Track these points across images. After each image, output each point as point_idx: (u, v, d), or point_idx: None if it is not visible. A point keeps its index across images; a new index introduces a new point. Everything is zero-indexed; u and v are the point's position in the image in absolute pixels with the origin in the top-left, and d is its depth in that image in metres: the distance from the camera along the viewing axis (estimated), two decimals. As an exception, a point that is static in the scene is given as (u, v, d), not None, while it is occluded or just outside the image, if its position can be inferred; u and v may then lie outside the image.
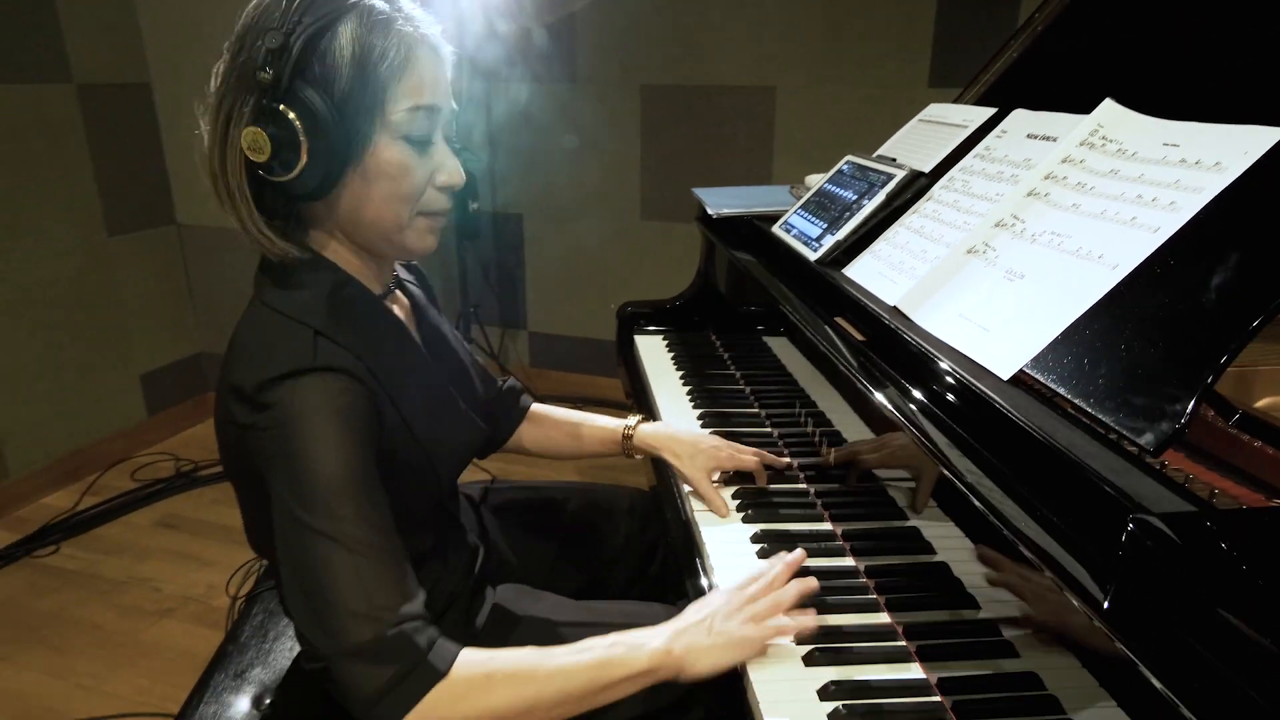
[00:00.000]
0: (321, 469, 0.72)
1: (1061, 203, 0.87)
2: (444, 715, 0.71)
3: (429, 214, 0.85)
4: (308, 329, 0.77)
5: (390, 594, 0.72)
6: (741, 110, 2.79)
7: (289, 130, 0.73)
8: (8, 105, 2.32)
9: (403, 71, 0.77)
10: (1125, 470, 0.57)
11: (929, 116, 1.34)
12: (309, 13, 0.74)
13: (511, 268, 3.26)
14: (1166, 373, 0.60)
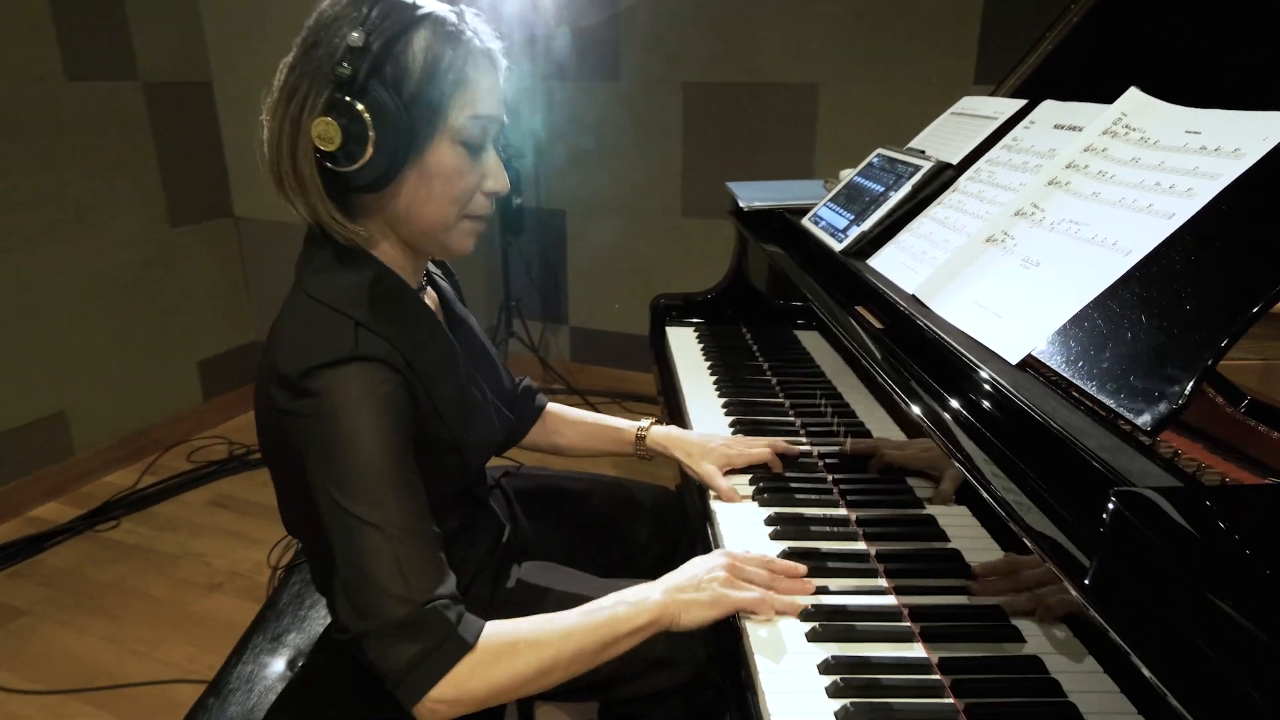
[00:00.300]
0: (363, 456, 0.76)
1: (1082, 191, 0.87)
2: (475, 683, 0.76)
3: (473, 217, 0.89)
4: (349, 319, 0.80)
5: (424, 576, 0.76)
6: (784, 107, 2.79)
7: (359, 123, 0.77)
8: (80, 102, 2.44)
9: (466, 81, 0.82)
10: (1118, 448, 0.57)
11: (961, 109, 1.33)
12: (387, 17, 0.78)
13: (554, 263, 3.31)
14: (1168, 356, 0.60)
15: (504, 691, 0.78)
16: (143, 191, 2.67)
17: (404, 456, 0.79)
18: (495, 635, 0.78)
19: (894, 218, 1.17)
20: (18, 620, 1.97)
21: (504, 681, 0.77)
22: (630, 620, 0.81)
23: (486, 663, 0.76)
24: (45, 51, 2.34)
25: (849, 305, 1.04)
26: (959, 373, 0.76)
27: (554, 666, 0.79)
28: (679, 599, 0.83)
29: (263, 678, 1.04)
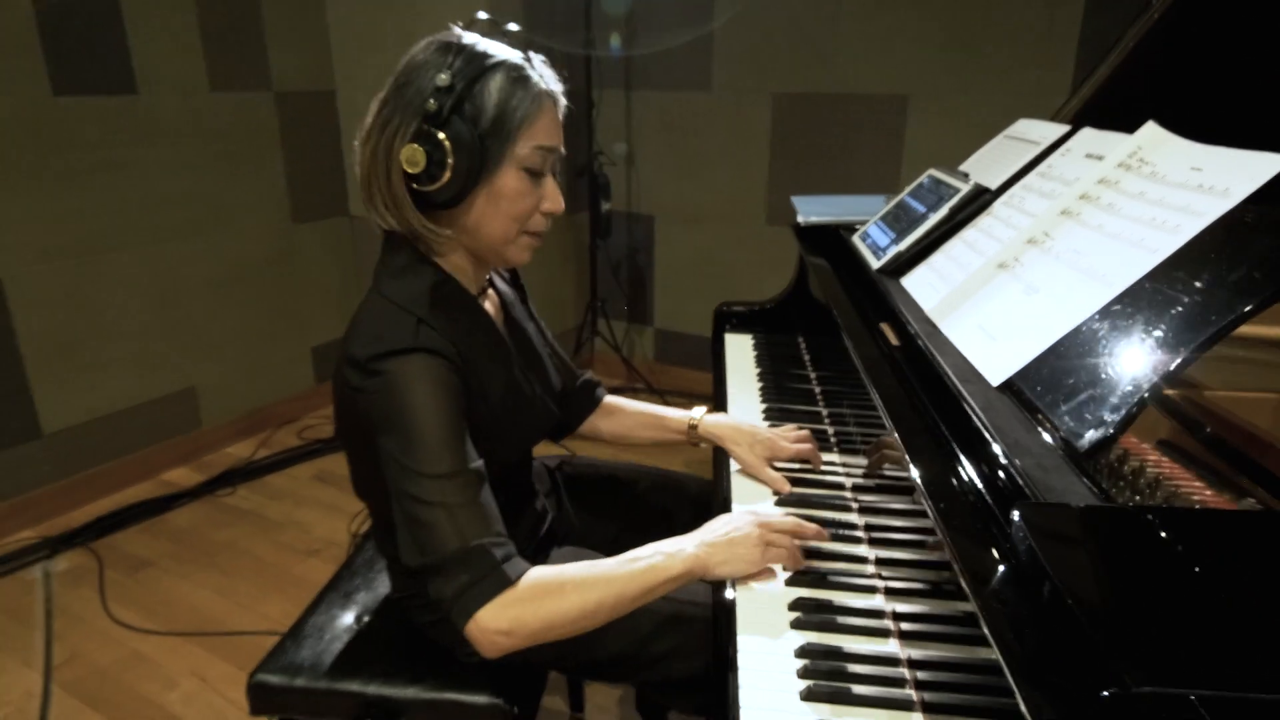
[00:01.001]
0: (421, 425, 0.89)
1: (1090, 222, 0.90)
2: (525, 614, 0.87)
3: (531, 233, 1.03)
4: (412, 317, 0.94)
5: (473, 522, 0.88)
6: (871, 119, 2.79)
7: (440, 150, 0.91)
8: (220, 111, 2.73)
9: (532, 118, 0.95)
10: (1056, 467, 0.61)
11: (1014, 133, 1.35)
12: (469, 63, 0.93)
13: (642, 266, 3.42)
14: (1116, 386, 0.64)
15: (553, 626, 0.88)
16: (270, 191, 2.95)
17: (457, 425, 0.92)
18: (542, 576, 0.90)
19: (930, 239, 1.21)
20: (145, 570, 2.24)
21: (553, 617, 0.88)
22: (667, 569, 0.92)
23: (537, 597, 0.87)
24: (193, 66, 2.64)
25: (873, 321, 1.10)
26: (937, 392, 0.81)
27: (599, 608, 0.89)
28: (712, 553, 0.93)
29: (332, 628, 1.19)
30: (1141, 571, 0.46)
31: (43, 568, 2.24)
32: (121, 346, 2.59)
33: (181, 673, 1.86)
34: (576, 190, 3.29)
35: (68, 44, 2.31)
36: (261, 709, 1.11)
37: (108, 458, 2.61)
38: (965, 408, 0.73)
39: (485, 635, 0.86)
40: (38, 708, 1.75)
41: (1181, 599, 0.45)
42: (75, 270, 2.43)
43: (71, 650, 1.93)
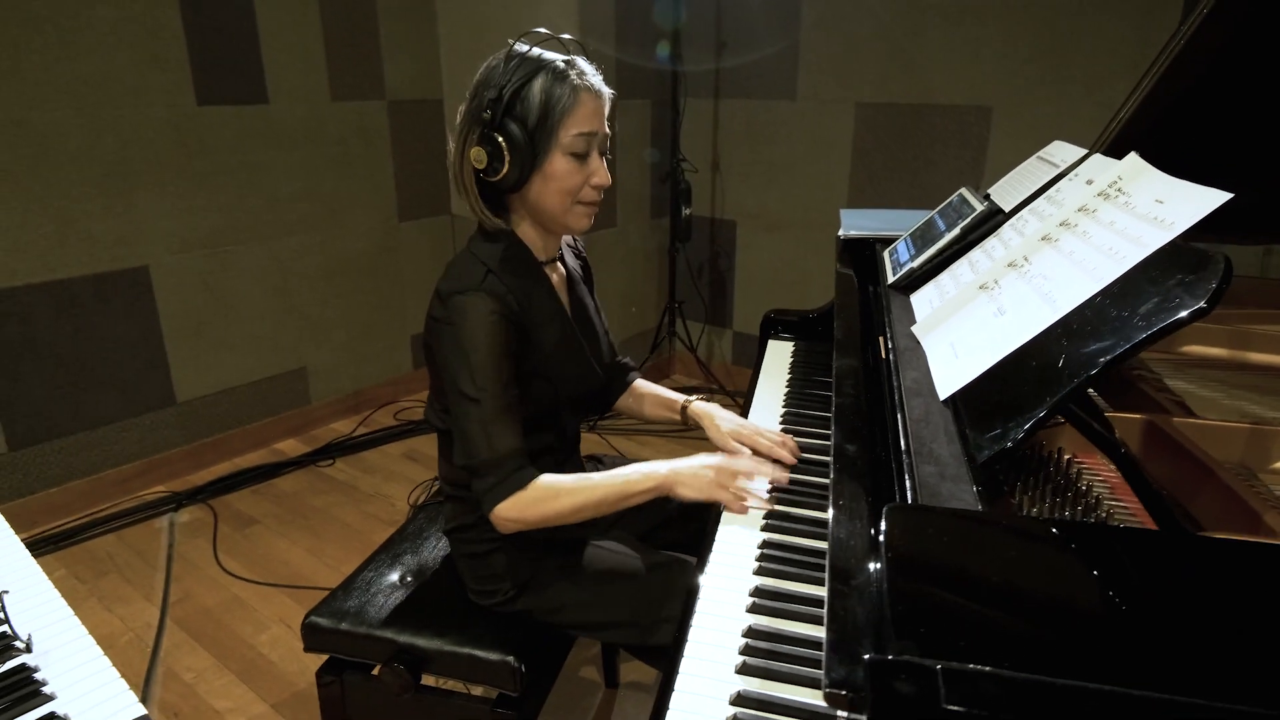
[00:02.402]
0: (474, 352, 1.11)
1: (1064, 248, 0.93)
2: (530, 510, 1.13)
3: (585, 204, 1.21)
4: (484, 267, 1.16)
5: (502, 436, 1.12)
6: (954, 130, 2.77)
7: (498, 149, 1.13)
8: (340, 119, 3.01)
9: (572, 109, 1.14)
10: (956, 476, 0.68)
11: (1044, 154, 1.37)
12: (516, 72, 1.13)
13: (723, 270, 3.50)
14: (1023, 406, 0.70)
15: (548, 518, 1.14)
16: (379, 192, 3.22)
17: (503, 359, 1.13)
18: (546, 482, 1.14)
19: (942, 257, 1.25)
20: (252, 527, 2.52)
21: (549, 512, 1.14)
22: (640, 483, 1.15)
23: (537, 499, 1.13)
24: (317, 78, 2.92)
25: (870, 333, 1.16)
26: (882, 404, 0.87)
27: (584, 506, 1.14)
28: (679, 477, 1.15)
29: (378, 583, 1.35)
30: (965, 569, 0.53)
31: (169, 519, 2.56)
32: (245, 328, 2.91)
33: (271, 619, 2.09)
34: (659, 195, 3.41)
35: (211, 59, 2.62)
36: (312, 646, 1.28)
37: (229, 426, 2.93)
38: (898, 419, 0.80)
39: (500, 520, 1.13)
40: (153, 637, 2.02)
41: (985, 594, 0.51)
42: (208, 260, 2.75)
43: (185, 591, 2.21)
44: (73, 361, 2.50)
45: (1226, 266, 0.65)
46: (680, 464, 1.17)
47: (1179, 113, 1.17)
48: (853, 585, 0.59)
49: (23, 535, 2.42)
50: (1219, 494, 0.79)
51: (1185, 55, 1.13)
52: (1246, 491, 0.77)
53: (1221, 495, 0.78)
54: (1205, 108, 1.13)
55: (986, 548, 0.55)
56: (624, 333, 3.43)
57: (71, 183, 2.40)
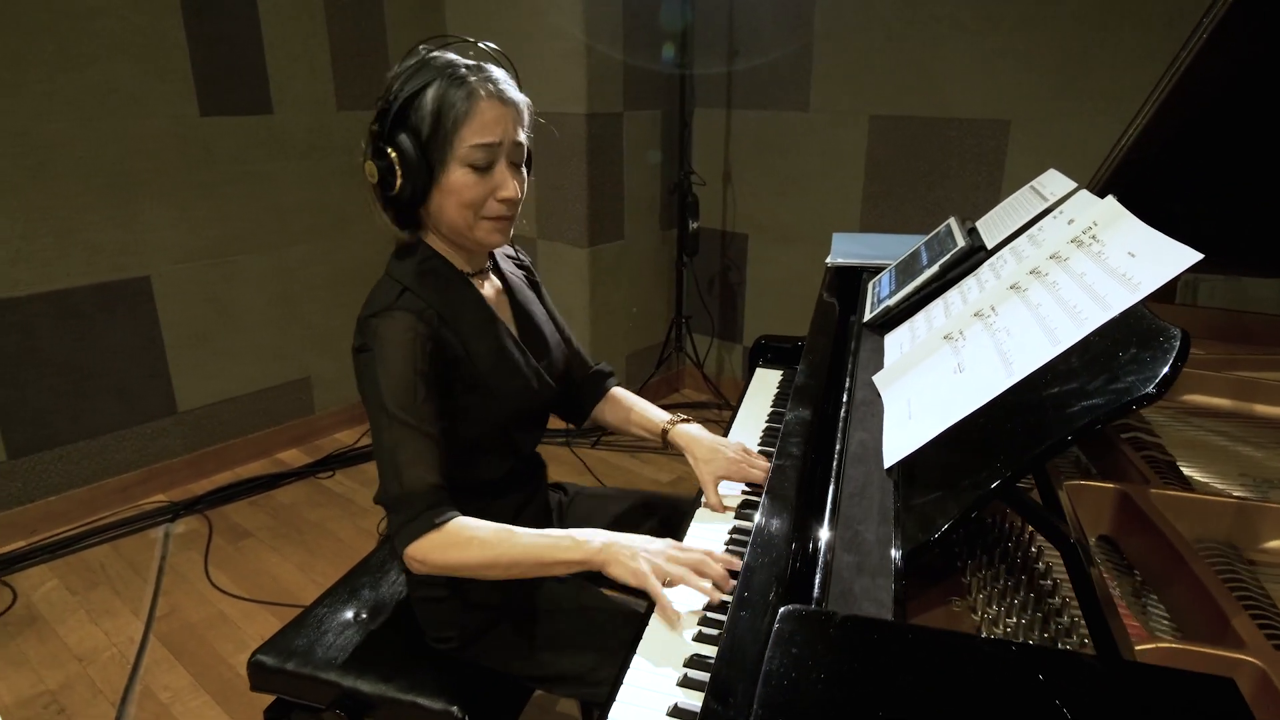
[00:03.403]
0: (387, 378, 1.04)
1: (1032, 299, 0.86)
2: (435, 555, 1.02)
3: (491, 218, 1.12)
4: (399, 285, 1.09)
5: (417, 468, 1.03)
6: (970, 144, 2.67)
7: (388, 162, 1.06)
8: (345, 128, 2.99)
9: (466, 118, 1.05)
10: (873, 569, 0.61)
11: (1037, 184, 1.28)
12: (412, 79, 1.06)
13: (734, 284, 3.42)
14: (956, 490, 0.63)
15: (454, 568, 1.04)
16: (386, 201, 3.20)
17: (418, 384, 1.05)
18: (460, 527, 1.03)
19: (920, 295, 1.17)
20: (245, 540, 2.51)
21: (454, 561, 1.03)
22: (568, 551, 1.02)
23: (445, 544, 1.02)
24: (322, 88, 2.91)
25: (838, 376, 1.09)
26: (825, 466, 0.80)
27: (494, 564, 1.03)
28: (615, 554, 0.99)
29: (330, 621, 1.32)
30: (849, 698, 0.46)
31: (165, 529, 2.57)
32: (248, 338, 2.90)
33: (254, 637, 2.07)
34: (669, 206, 3.35)
35: (215, 70, 2.62)
36: (258, 686, 1.25)
37: (231, 435, 2.93)
38: (828, 492, 0.73)
39: (408, 561, 1.03)
40: (135, 653, 2.01)
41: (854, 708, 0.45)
42: (211, 269, 2.75)
43: (172, 605, 2.20)
44: (74, 370, 2.51)
45: (1182, 345, 0.57)
46: (620, 540, 1.02)
47: (1180, 143, 1.08)
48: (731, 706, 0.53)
49: (21, 544, 2.46)
50: (1190, 586, 0.71)
51: (1185, 83, 1.04)
52: (1218, 588, 0.69)
53: (1192, 588, 0.71)
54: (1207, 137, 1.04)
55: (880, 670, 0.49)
56: (630, 346, 3.38)
57: (74, 193, 2.41)
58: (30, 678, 1.93)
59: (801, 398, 1.04)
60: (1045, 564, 0.77)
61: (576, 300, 3.17)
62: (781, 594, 0.63)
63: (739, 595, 0.65)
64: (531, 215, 3.20)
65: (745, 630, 0.61)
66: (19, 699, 1.87)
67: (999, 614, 0.70)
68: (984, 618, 0.70)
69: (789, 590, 0.63)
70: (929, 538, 0.59)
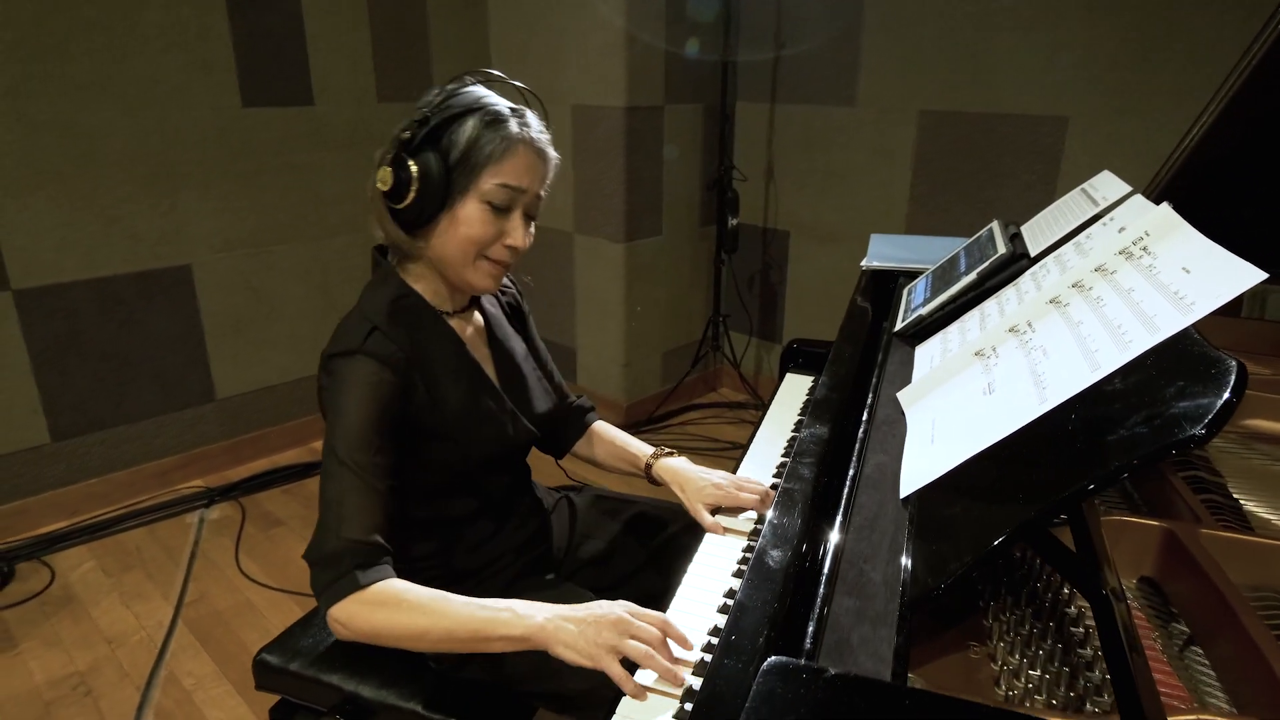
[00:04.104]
0: (344, 423, 0.98)
1: (1073, 316, 0.78)
2: (358, 619, 0.94)
3: (492, 260, 1.08)
4: (369, 323, 1.03)
5: (354, 523, 0.96)
6: (1026, 141, 2.55)
7: (407, 173, 1.01)
8: (387, 120, 2.96)
9: (501, 158, 1.03)
10: (878, 617, 0.55)
11: (1089, 187, 1.19)
12: (451, 106, 1.03)
13: (774, 283, 3.34)
14: (970, 531, 0.56)
15: (378, 635, 0.95)
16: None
17: (375, 431, 0.98)
18: (388, 590, 0.95)
19: (955, 304, 1.10)
20: (276, 528, 2.53)
21: (380, 627, 0.94)
22: (508, 625, 0.91)
23: (371, 607, 0.94)
24: (364, 80, 2.91)
25: (862, 390, 1.02)
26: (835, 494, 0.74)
27: (424, 634, 0.93)
28: (560, 630, 0.88)
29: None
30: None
31: (199, 515, 2.60)
32: (286, 327, 2.93)
33: (276, 626, 2.08)
34: (708, 203, 3.28)
35: (258, 62, 2.64)
36: (263, 685, 1.23)
37: (268, 423, 2.97)
38: (835, 523, 0.67)
39: (330, 624, 0.96)
40: (163, 637, 2.04)
41: None
42: (250, 259, 2.78)
43: (202, 591, 2.22)
44: (116, 356, 2.56)
45: (1238, 380, 0.50)
46: (567, 611, 0.91)
47: (1248, 145, 0.99)
48: None
49: (62, 524, 2.52)
50: (1241, 644, 0.63)
51: (1256, 80, 0.95)
52: (1272, 648, 0.61)
53: (1243, 647, 0.63)
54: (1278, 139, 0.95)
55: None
56: (666, 344, 3.32)
57: (117, 182, 2.45)
58: (62, 658, 1.97)
59: (819, 413, 0.98)
60: (1078, 609, 0.70)
61: (612, 296, 3.12)
62: (772, 639, 0.57)
63: (725, 639, 0.59)
64: (569, 209, 3.17)
65: (728, 680, 0.55)
66: (50, 679, 1.90)
67: (1021, 664, 0.64)
68: (1004, 668, 0.64)
69: (782, 636, 0.58)
70: (936, 586, 0.53)
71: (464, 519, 1.17)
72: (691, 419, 3.33)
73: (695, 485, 1.17)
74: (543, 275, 3.38)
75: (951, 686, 0.60)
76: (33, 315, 2.37)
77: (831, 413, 0.97)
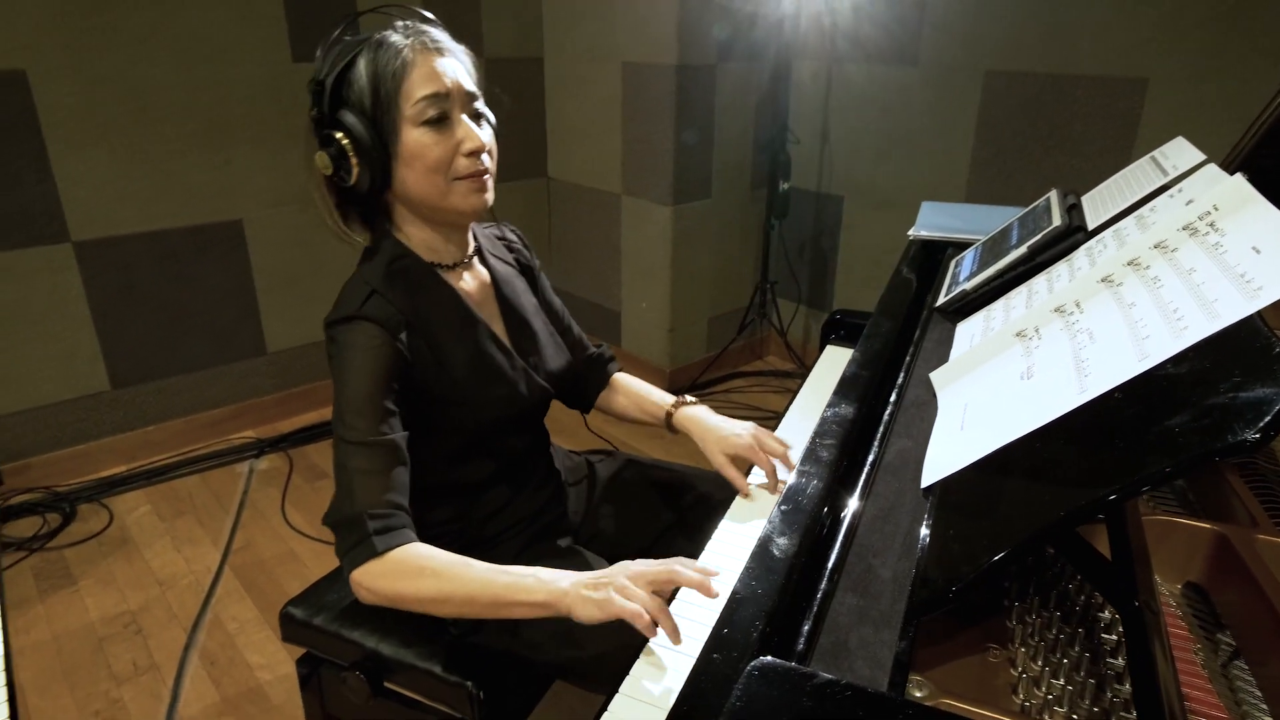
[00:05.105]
0: (347, 390, 0.97)
1: (1125, 297, 0.72)
2: (381, 583, 0.93)
3: (464, 178, 1.02)
4: (367, 287, 1.01)
5: (366, 488, 0.95)
6: (1100, 105, 2.39)
7: (339, 147, 0.98)
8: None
9: (404, 74, 0.97)
10: (880, 617, 0.51)
11: (1160, 155, 1.10)
12: (340, 55, 0.98)
13: (825, 249, 3.25)
14: (989, 531, 0.52)
15: (400, 599, 0.94)
16: (473, 152, 3.17)
17: (375, 396, 0.97)
18: (410, 555, 0.94)
19: (1002, 280, 1.03)
20: (321, 480, 2.59)
21: (402, 592, 0.93)
22: (529, 592, 0.90)
23: (393, 573, 0.93)
24: (412, 34, 2.88)
25: (894, 367, 0.97)
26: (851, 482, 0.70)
27: (446, 599, 0.93)
28: (580, 593, 0.88)
29: (365, 579, 1.31)
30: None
31: (249, 465, 2.67)
32: (334, 282, 2.90)
33: (318, 576, 2.13)
34: (759, 165, 3.18)
35: (308, 16, 2.63)
36: (288, 637, 1.25)
37: (317, 377, 3.02)
38: (851, 509, 0.63)
39: (354, 588, 0.95)
40: (210, 582, 2.11)
41: None
42: (299, 214, 2.80)
43: (248, 539, 2.29)
44: (171, 308, 2.62)
45: (1301, 378, 0.44)
46: (585, 577, 0.90)
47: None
48: None
49: (121, 468, 2.61)
50: (1290, 662, 0.58)
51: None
52: (1326, 670, 0.55)
53: (1292, 665, 0.57)
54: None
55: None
56: (713, 310, 3.27)
57: (172, 137, 2.48)
58: (115, 597, 2.05)
59: (847, 391, 0.93)
60: (1111, 614, 0.65)
61: (658, 260, 3.07)
62: (768, 635, 0.54)
63: (716, 630, 0.56)
64: (616, 170, 3.12)
65: (714, 676, 0.52)
66: (104, 616, 1.99)
67: (1043, 672, 0.59)
68: (1023, 675, 0.59)
69: (779, 632, 0.54)
70: (948, 589, 0.49)
71: (480, 484, 1.16)
72: (736, 386, 3.28)
73: (716, 435, 1.13)
74: (589, 237, 3.35)
75: (964, 692, 0.56)
76: (92, 267, 2.44)
77: (859, 391, 0.92)
